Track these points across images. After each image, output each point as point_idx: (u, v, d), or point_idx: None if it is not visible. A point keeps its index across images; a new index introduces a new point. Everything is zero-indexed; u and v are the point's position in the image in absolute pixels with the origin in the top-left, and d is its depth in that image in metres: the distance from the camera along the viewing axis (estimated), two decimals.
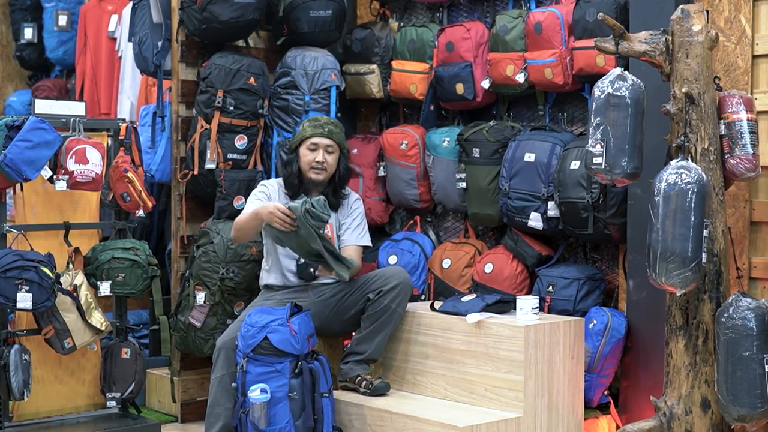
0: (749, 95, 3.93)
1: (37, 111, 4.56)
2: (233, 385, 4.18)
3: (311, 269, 4.51)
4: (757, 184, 4.16)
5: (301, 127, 4.63)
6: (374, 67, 5.34)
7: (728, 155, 3.84)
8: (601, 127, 3.83)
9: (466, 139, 4.89)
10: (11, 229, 4.45)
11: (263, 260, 4.65)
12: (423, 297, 5.06)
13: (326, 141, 4.54)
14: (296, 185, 4.55)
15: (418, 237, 5.25)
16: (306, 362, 4.16)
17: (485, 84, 4.90)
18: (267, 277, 4.61)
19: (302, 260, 4.50)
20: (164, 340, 4.90)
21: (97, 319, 4.56)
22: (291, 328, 4.13)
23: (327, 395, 4.19)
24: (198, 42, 5.11)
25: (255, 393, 4.07)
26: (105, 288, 4.65)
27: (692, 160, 3.79)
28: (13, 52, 7.53)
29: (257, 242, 4.89)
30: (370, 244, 4.74)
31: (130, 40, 5.36)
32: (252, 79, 5.00)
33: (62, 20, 7.05)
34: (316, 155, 4.52)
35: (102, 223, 4.95)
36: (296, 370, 4.13)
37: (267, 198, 4.54)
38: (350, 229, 4.61)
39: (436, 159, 5.07)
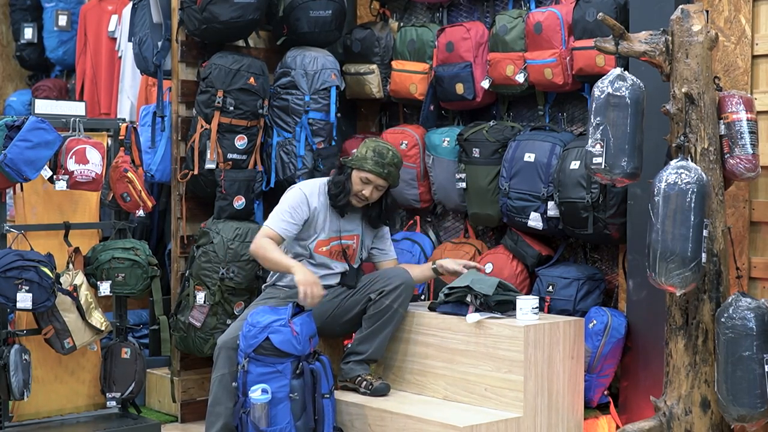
0: (749, 95, 3.93)
1: (37, 111, 4.56)
2: (234, 384, 4.18)
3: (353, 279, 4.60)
4: (757, 184, 4.16)
5: (364, 152, 4.46)
6: (374, 67, 5.34)
7: (728, 155, 3.84)
8: (601, 127, 3.83)
9: (466, 139, 4.89)
10: (11, 229, 4.45)
11: None
12: (423, 297, 5.06)
13: (381, 181, 4.45)
14: (344, 202, 4.50)
15: (418, 237, 5.25)
16: (307, 363, 4.16)
17: (485, 84, 4.91)
18: (278, 278, 4.58)
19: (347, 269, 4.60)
20: (164, 340, 4.90)
21: (97, 319, 4.56)
22: (293, 329, 4.12)
23: (328, 396, 4.19)
24: (198, 42, 5.11)
25: (256, 393, 4.07)
26: (105, 288, 4.64)
27: (692, 160, 3.79)
28: (13, 52, 7.53)
29: None
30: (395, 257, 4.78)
31: (130, 40, 5.36)
32: (252, 79, 5.00)
33: (62, 20, 7.05)
34: (365, 189, 4.44)
35: (102, 223, 4.94)
36: (297, 371, 4.13)
37: (302, 217, 4.44)
38: (380, 252, 4.68)
39: (436, 159, 5.07)
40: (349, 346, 4.54)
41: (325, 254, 4.53)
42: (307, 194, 4.50)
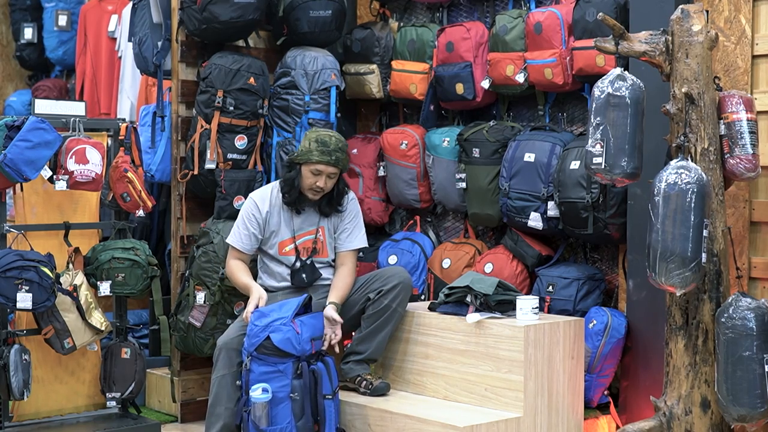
0: (749, 95, 3.93)
1: (37, 111, 4.56)
2: (237, 383, 4.19)
3: (303, 275, 4.51)
4: (757, 184, 4.17)
5: (307, 145, 4.45)
6: (374, 67, 5.34)
7: (728, 155, 3.84)
8: (601, 127, 3.83)
9: (466, 139, 4.89)
10: (11, 229, 4.45)
11: (258, 264, 4.64)
12: (423, 297, 5.06)
13: (331, 169, 4.43)
14: (295, 198, 4.51)
15: (418, 237, 5.25)
16: (308, 364, 4.16)
17: (485, 84, 4.91)
18: (265, 280, 4.60)
19: (297, 265, 4.50)
20: (164, 340, 4.90)
21: (97, 319, 4.56)
22: (295, 328, 4.13)
23: (331, 397, 4.18)
24: (198, 42, 5.11)
25: (256, 392, 4.07)
26: (105, 288, 4.64)
27: (692, 160, 3.79)
28: (13, 52, 7.53)
29: None
30: (366, 244, 4.66)
31: (130, 40, 5.36)
32: (252, 79, 5.00)
33: (62, 20, 7.05)
34: (318, 180, 4.42)
35: (102, 223, 4.94)
36: (298, 371, 4.13)
37: (257, 225, 4.50)
38: (344, 233, 4.56)
39: (436, 159, 5.07)
40: (349, 346, 4.54)
41: (291, 254, 4.52)
42: (257, 200, 4.54)
